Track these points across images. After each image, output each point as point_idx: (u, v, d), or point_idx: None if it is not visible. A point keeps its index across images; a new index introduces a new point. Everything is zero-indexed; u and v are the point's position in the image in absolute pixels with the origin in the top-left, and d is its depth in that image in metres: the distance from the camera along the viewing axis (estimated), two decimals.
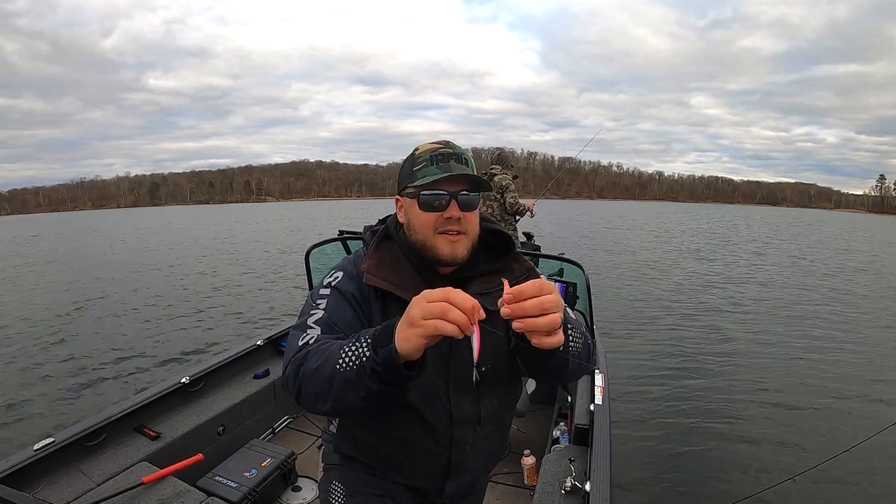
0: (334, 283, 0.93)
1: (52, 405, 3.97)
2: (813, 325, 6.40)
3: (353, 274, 0.93)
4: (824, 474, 2.63)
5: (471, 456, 0.98)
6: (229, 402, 2.25)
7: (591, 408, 1.90)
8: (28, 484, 1.55)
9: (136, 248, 17.14)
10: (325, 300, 0.90)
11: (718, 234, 22.73)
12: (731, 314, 6.97)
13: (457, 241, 0.89)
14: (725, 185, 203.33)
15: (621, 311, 6.91)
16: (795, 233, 26.11)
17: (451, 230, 0.89)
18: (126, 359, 5.08)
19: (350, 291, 0.91)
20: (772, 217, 50.74)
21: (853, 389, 4.22)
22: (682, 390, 4.16)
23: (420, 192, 0.88)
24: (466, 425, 0.94)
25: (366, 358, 0.69)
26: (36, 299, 8.31)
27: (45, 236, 25.95)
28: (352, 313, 0.89)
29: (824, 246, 18.79)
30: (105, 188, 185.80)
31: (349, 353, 0.72)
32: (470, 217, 0.90)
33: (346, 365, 0.71)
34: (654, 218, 37.11)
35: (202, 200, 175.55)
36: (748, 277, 10.27)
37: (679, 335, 5.83)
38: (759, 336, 5.87)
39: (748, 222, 35.77)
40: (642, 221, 31.76)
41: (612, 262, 12.02)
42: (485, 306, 0.90)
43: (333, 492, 1.04)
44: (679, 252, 14.85)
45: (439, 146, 0.91)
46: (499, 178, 4.02)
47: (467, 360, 0.90)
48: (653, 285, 9.12)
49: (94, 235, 24.63)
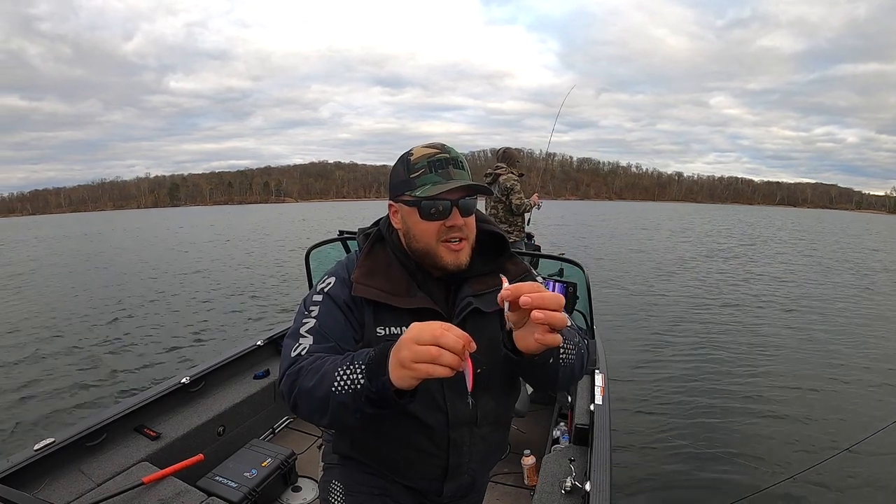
0: (327, 289, 0.92)
1: (53, 405, 3.96)
2: (813, 326, 6.40)
3: (346, 279, 0.93)
4: (824, 474, 2.64)
5: (469, 457, 0.98)
6: (229, 403, 2.25)
7: (591, 408, 1.90)
8: (28, 484, 1.55)
9: (159, 247, 17.16)
10: (317, 307, 0.90)
11: (734, 237, 22.31)
12: (730, 315, 6.97)
13: (460, 250, 0.89)
14: (745, 185, 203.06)
15: (621, 311, 6.91)
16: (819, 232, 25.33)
17: (453, 237, 0.88)
18: (126, 359, 5.08)
19: (342, 298, 0.90)
20: (796, 218, 49.43)
21: (854, 389, 4.22)
22: (683, 390, 4.16)
23: (421, 201, 0.87)
24: (463, 427, 0.94)
25: (360, 386, 0.70)
26: (36, 299, 8.31)
27: (44, 238, 25.96)
28: (343, 320, 0.89)
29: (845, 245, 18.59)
30: (125, 189, 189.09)
31: (344, 377, 0.72)
32: (469, 222, 0.91)
33: (341, 389, 0.72)
34: (665, 220, 36.35)
35: (221, 201, 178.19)
36: (751, 277, 10.26)
37: (679, 335, 5.83)
38: (759, 336, 5.86)
39: (770, 223, 35.06)
40: (654, 223, 31.12)
41: (614, 263, 12.02)
42: (479, 307, 0.92)
43: (333, 491, 1.04)
44: (690, 253, 14.83)
45: (436, 151, 0.89)
46: (504, 179, 3.92)
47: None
48: (654, 286, 9.12)
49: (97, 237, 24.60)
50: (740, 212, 72.22)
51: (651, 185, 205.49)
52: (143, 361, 4.99)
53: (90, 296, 8.49)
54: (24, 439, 3.29)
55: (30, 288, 9.51)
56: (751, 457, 3.10)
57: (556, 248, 8.98)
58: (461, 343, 0.62)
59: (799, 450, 3.19)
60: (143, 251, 16.13)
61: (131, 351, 5.36)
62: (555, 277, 2.61)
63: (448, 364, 0.62)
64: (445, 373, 0.62)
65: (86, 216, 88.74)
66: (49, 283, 10.06)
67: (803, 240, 21.26)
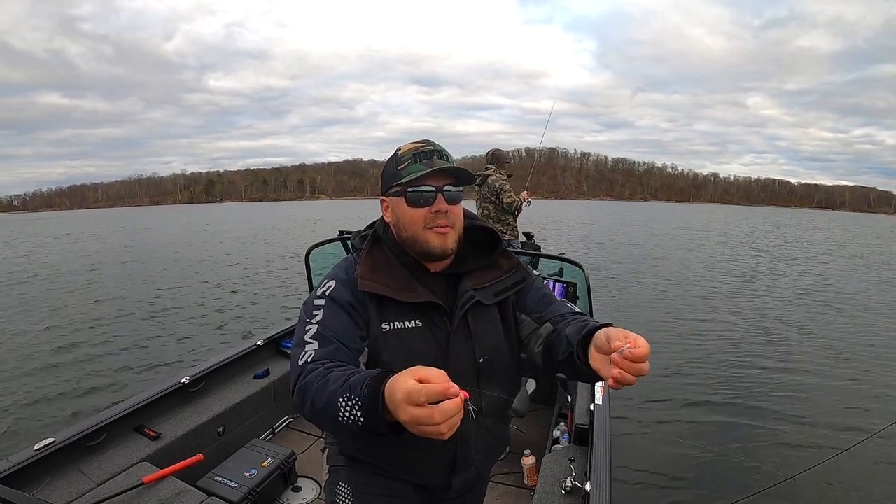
0: (328, 292, 0.94)
1: (53, 405, 3.97)
2: (816, 325, 6.40)
3: (346, 280, 0.95)
4: (824, 474, 2.64)
5: (475, 449, 1.00)
6: (229, 402, 2.25)
7: (591, 408, 1.90)
8: (28, 484, 1.55)
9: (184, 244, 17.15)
10: (319, 311, 0.91)
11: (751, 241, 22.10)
12: (731, 315, 6.97)
13: (446, 234, 0.92)
14: (782, 187, 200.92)
15: (621, 311, 6.91)
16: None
17: (439, 224, 0.91)
18: (126, 359, 5.08)
19: (345, 299, 0.92)
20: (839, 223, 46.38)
21: (855, 389, 4.22)
22: (683, 390, 4.16)
23: (407, 189, 0.90)
24: (468, 419, 0.95)
25: (361, 423, 0.70)
26: (36, 299, 8.31)
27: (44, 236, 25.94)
28: (347, 320, 0.91)
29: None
30: (162, 185, 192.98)
31: (346, 409, 0.71)
32: (455, 210, 0.94)
33: (346, 419, 0.73)
34: (688, 222, 35.47)
35: (256, 198, 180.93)
36: (754, 281, 10.26)
37: (679, 335, 5.83)
38: (759, 336, 5.87)
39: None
40: (665, 226, 30.19)
41: (618, 263, 12.02)
42: (479, 300, 0.96)
43: (340, 493, 1.03)
44: (692, 253, 14.83)
45: (421, 144, 0.93)
46: (492, 180, 3.99)
47: (466, 352, 0.95)
48: (654, 286, 9.12)
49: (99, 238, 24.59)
50: (769, 214, 69.41)
51: (686, 186, 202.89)
52: (143, 361, 4.99)
53: (90, 296, 8.50)
54: (24, 439, 3.30)
55: (29, 289, 9.51)
56: (751, 457, 3.10)
57: (556, 246, 8.98)
58: (457, 405, 0.61)
59: (799, 450, 3.19)
60: (152, 250, 16.14)
61: (131, 351, 5.35)
62: (555, 277, 2.62)
63: (448, 431, 0.61)
64: (441, 432, 0.61)
65: (120, 212, 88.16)
66: (48, 282, 10.05)
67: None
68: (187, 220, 39.47)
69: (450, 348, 0.94)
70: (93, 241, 21.07)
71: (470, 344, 0.95)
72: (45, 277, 10.71)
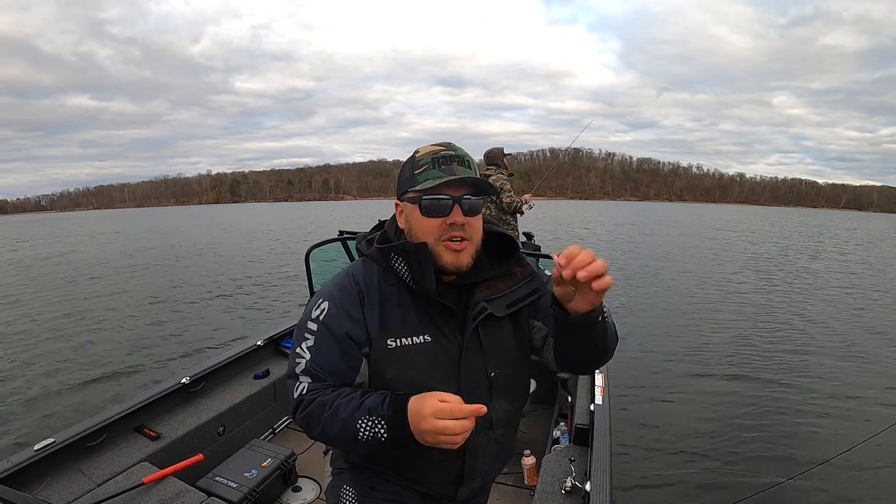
0: (322, 316, 0.89)
1: (53, 405, 3.96)
2: (816, 325, 6.40)
3: (344, 298, 0.90)
4: (824, 474, 2.64)
5: (483, 460, 0.98)
6: (229, 403, 2.24)
7: (592, 408, 1.90)
8: (28, 484, 1.55)
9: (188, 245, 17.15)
10: (312, 338, 0.89)
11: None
12: (731, 315, 6.97)
13: (461, 250, 0.87)
14: (809, 188, 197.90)
15: (621, 311, 6.91)
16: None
17: (454, 237, 0.86)
18: (126, 359, 5.08)
19: (340, 328, 0.88)
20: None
21: (854, 390, 4.22)
22: (683, 390, 4.16)
23: (422, 197, 0.85)
24: (479, 431, 0.93)
25: (384, 438, 0.80)
26: (36, 299, 8.31)
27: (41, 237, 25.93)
28: (339, 355, 0.88)
29: None
30: (187, 185, 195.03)
31: (367, 429, 0.80)
32: (473, 222, 0.87)
33: (366, 436, 0.81)
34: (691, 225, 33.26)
35: (281, 198, 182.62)
36: (758, 282, 10.25)
37: (680, 335, 5.84)
38: (759, 336, 5.86)
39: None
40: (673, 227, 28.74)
41: (624, 264, 12.02)
42: (492, 313, 0.92)
43: (345, 496, 1.02)
44: (696, 255, 14.81)
45: (441, 148, 0.88)
46: (493, 179, 3.99)
47: (478, 367, 0.92)
48: (654, 286, 9.11)
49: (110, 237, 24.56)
50: (805, 215, 66.42)
51: (712, 187, 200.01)
52: (143, 361, 4.98)
53: (90, 295, 8.50)
54: (25, 439, 3.29)
55: (30, 287, 9.51)
56: (751, 457, 3.10)
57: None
58: (467, 426, 0.75)
59: (800, 450, 3.19)
60: (162, 249, 16.13)
61: (131, 351, 5.35)
62: None
63: (462, 441, 0.76)
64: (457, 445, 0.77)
65: (144, 211, 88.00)
66: (49, 283, 10.05)
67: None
68: (210, 218, 38.88)
69: (461, 362, 0.90)
70: (117, 238, 20.92)
71: (482, 358, 0.92)
72: (45, 276, 10.72)
